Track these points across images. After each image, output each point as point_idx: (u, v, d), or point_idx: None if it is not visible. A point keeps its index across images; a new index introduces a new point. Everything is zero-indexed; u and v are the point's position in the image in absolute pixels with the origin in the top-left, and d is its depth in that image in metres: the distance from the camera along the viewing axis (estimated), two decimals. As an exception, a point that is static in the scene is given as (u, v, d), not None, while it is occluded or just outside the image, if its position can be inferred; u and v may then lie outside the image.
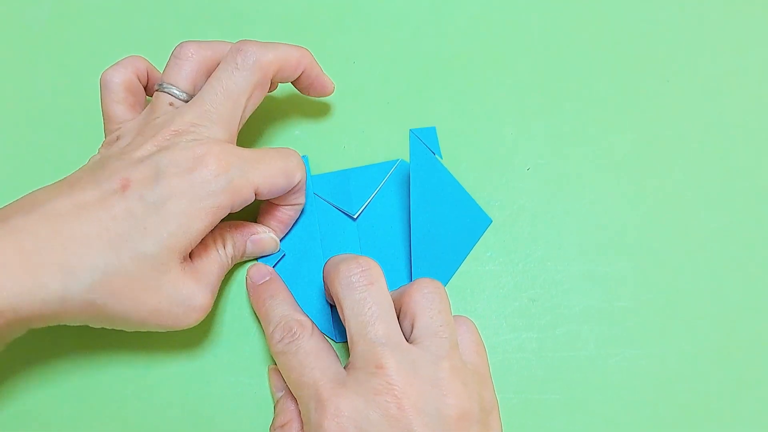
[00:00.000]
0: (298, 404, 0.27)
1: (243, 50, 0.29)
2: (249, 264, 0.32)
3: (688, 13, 0.37)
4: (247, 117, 0.30)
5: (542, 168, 0.34)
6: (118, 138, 0.29)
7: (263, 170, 0.28)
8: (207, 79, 0.30)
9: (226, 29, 0.39)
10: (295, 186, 0.30)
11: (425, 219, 0.31)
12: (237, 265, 0.33)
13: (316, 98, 0.36)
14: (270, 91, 0.31)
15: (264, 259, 0.33)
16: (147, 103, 0.32)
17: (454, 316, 0.27)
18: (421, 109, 0.36)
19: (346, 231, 0.33)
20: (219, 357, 0.32)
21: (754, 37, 0.37)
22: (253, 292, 0.31)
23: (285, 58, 0.30)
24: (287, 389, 0.29)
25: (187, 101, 0.29)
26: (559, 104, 0.36)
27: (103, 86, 0.31)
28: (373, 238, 0.33)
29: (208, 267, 0.29)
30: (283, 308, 0.29)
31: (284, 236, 0.33)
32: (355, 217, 0.33)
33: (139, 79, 0.31)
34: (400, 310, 0.27)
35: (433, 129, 0.34)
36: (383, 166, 0.34)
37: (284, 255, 0.33)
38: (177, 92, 0.29)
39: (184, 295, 0.27)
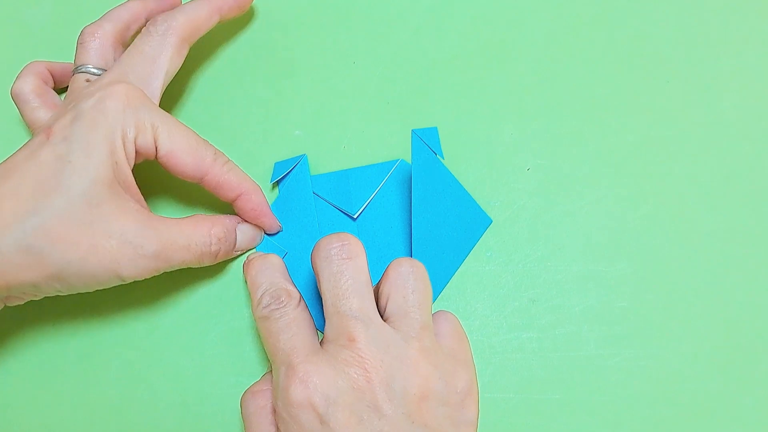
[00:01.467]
0: None
1: (155, 19, 0.31)
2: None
3: (688, 13, 0.37)
4: (168, 81, 0.31)
5: (542, 168, 0.34)
6: (38, 129, 0.31)
7: (171, 129, 0.29)
8: (120, 46, 0.32)
9: (225, 29, 0.39)
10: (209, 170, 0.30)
11: (426, 219, 0.31)
12: (237, 266, 0.33)
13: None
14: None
15: None
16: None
17: (436, 312, 0.28)
18: (421, 109, 0.36)
19: (345, 230, 0.33)
20: (219, 357, 0.32)
21: (754, 37, 0.37)
22: (247, 261, 0.31)
23: (195, 17, 0.32)
24: None
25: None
26: (559, 104, 0.36)
27: (16, 100, 0.32)
28: (373, 238, 0.33)
29: (176, 226, 0.29)
30: (274, 275, 0.29)
31: (276, 232, 0.33)
32: (355, 217, 0.33)
33: (45, 82, 0.33)
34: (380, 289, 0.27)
35: (435, 129, 0.34)
36: (384, 166, 0.34)
37: (286, 253, 0.33)
38: (92, 69, 0.31)
39: (125, 233, 0.27)
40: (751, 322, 0.32)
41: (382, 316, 0.27)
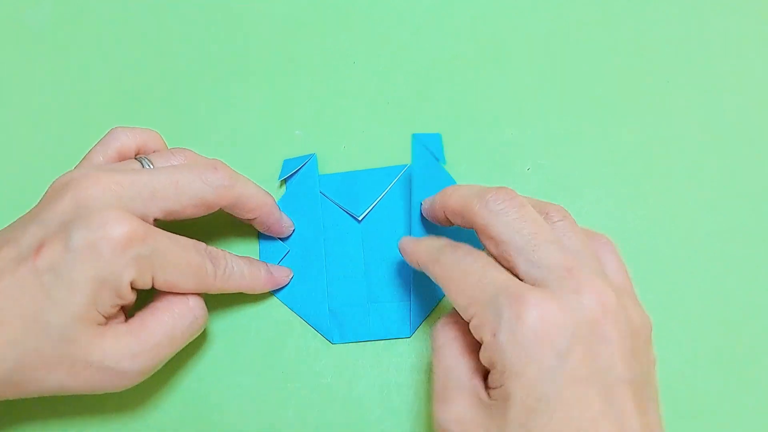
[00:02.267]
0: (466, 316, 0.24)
1: (218, 169, 0.29)
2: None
3: (688, 13, 0.37)
4: (178, 219, 0.29)
5: (542, 168, 0.34)
6: (62, 177, 0.28)
7: (171, 262, 0.27)
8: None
9: (225, 29, 0.39)
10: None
11: (426, 222, 0.31)
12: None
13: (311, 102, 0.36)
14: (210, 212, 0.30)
15: (267, 256, 0.33)
16: None
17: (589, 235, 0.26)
18: (421, 109, 0.36)
19: (349, 232, 0.33)
20: (219, 357, 0.32)
21: (754, 37, 0.37)
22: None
23: (244, 199, 0.30)
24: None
25: None
26: (559, 104, 0.36)
27: (107, 136, 0.30)
28: (377, 241, 0.33)
29: (151, 327, 0.27)
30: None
31: (288, 236, 0.33)
32: (359, 218, 0.33)
33: (138, 150, 0.31)
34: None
35: (439, 136, 0.34)
36: (391, 170, 0.34)
37: (288, 252, 0.33)
38: (147, 164, 0.29)
39: (104, 360, 0.26)
40: (752, 322, 0.32)
41: None
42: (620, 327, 0.23)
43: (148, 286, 0.27)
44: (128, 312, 0.28)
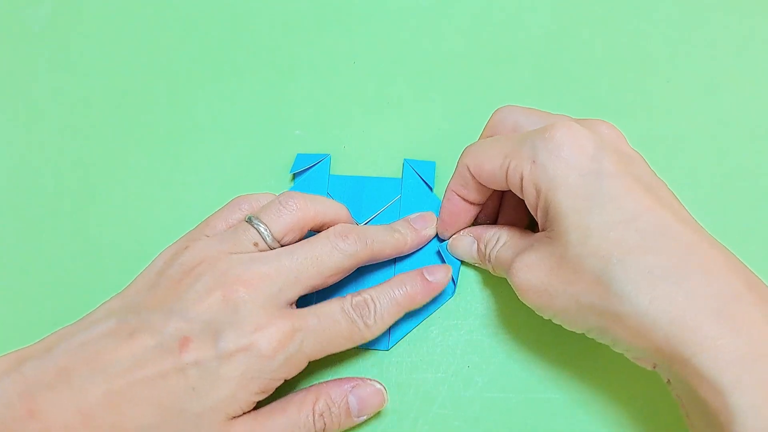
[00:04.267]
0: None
1: (348, 235, 0.28)
2: None
3: (688, 13, 0.37)
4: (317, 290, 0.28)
5: (542, 168, 0.34)
6: (186, 248, 0.28)
7: (322, 339, 0.27)
8: (298, 233, 0.29)
9: (225, 29, 0.39)
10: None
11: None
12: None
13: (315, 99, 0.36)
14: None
15: None
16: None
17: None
18: (421, 109, 0.36)
19: None
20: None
21: (754, 37, 0.37)
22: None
23: (380, 253, 0.29)
24: None
25: (271, 248, 0.28)
26: (559, 104, 0.36)
27: (230, 204, 0.30)
28: None
29: (273, 422, 0.27)
30: None
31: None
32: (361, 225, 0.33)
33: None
34: None
35: (433, 164, 0.34)
36: (399, 182, 0.34)
37: None
38: (267, 235, 0.28)
39: None
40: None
41: None
42: (630, 147, 0.27)
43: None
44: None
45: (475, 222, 0.32)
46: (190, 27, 0.39)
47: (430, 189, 0.33)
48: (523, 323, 0.32)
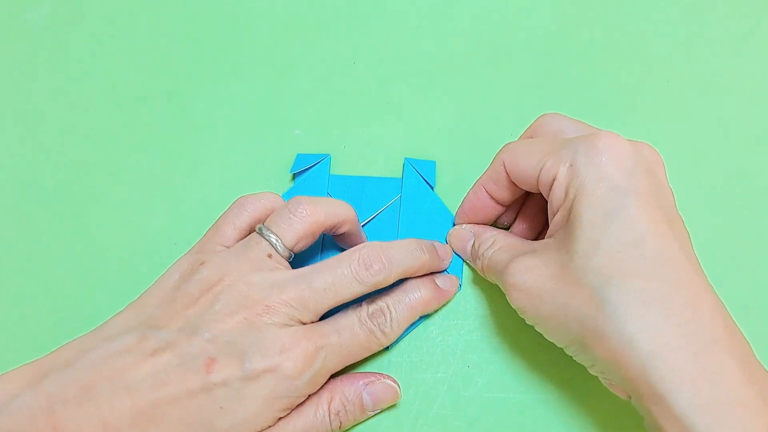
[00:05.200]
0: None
1: (372, 264, 0.28)
2: None
3: (688, 13, 0.37)
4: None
5: (542, 168, 0.34)
6: (202, 264, 0.27)
7: (343, 353, 0.27)
8: (311, 239, 0.29)
9: (225, 29, 0.39)
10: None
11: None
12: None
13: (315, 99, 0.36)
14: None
15: None
16: None
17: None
18: (421, 109, 0.36)
19: None
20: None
21: (754, 37, 0.37)
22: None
23: (403, 275, 0.29)
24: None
25: (285, 258, 0.28)
26: (559, 104, 0.36)
27: (235, 206, 0.30)
28: None
29: (291, 426, 0.27)
30: None
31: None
32: (361, 225, 0.33)
33: (261, 218, 0.30)
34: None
35: (433, 163, 0.34)
36: (399, 182, 0.34)
37: None
38: (279, 245, 0.28)
39: None
40: (752, 322, 0.32)
41: None
42: (665, 176, 0.27)
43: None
44: None
45: (495, 224, 0.32)
46: (190, 27, 0.39)
47: (431, 188, 0.33)
48: (523, 324, 0.32)
